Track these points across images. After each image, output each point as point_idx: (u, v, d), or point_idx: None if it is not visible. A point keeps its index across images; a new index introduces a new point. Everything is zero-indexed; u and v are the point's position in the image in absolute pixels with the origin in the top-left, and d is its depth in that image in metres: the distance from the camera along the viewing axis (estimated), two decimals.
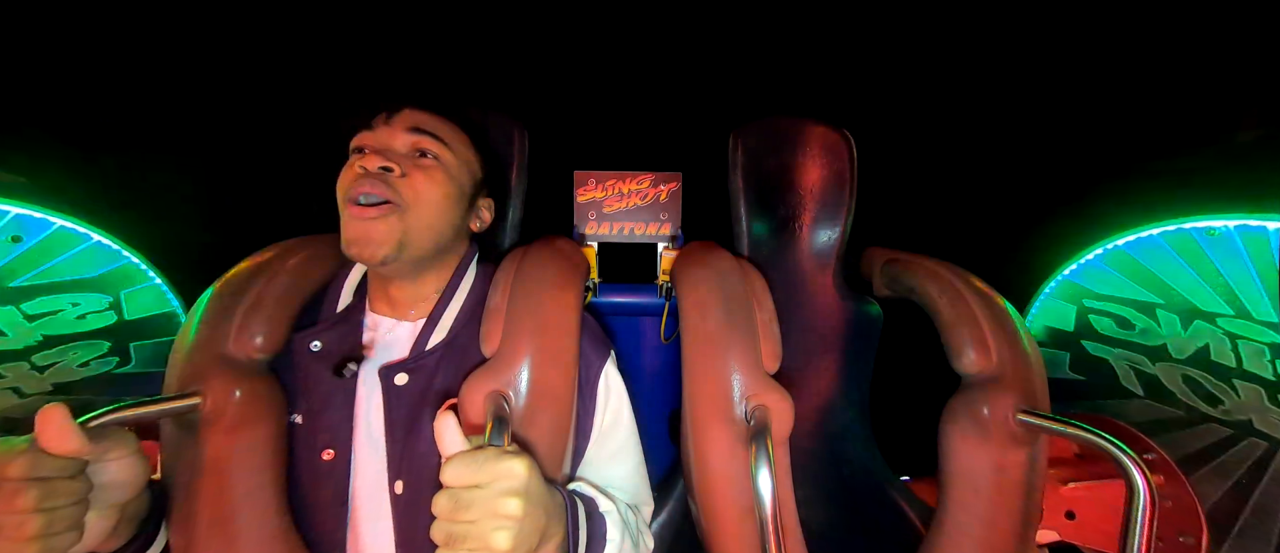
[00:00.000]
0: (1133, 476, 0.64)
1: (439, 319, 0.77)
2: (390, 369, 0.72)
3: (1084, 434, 0.69)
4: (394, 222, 0.70)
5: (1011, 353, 0.81)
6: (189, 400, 0.65)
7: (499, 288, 0.75)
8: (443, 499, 0.47)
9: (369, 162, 0.70)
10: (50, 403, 0.50)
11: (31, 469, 0.48)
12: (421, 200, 0.73)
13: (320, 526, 0.70)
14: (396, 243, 0.71)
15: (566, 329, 0.73)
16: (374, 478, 0.71)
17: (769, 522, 0.64)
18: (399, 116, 0.76)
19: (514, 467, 0.49)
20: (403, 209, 0.71)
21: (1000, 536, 0.77)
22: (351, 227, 0.70)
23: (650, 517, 0.85)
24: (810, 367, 1.12)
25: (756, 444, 0.66)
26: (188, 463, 0.67)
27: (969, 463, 0.79)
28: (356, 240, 0.69)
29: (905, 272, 1.00)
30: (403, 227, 0.71)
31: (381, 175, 0.70)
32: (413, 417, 0.71)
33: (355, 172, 0.71)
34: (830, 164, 1.17)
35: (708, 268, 0.84)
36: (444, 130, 0.78)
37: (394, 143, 0.75)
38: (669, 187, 1.28)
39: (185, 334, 0.72)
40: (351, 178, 0.71)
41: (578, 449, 0.76)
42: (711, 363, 0.74)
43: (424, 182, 0.73)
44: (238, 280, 0.76)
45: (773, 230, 1.16)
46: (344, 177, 0.73)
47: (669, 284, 1.24)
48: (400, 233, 0.71)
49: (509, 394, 0.66)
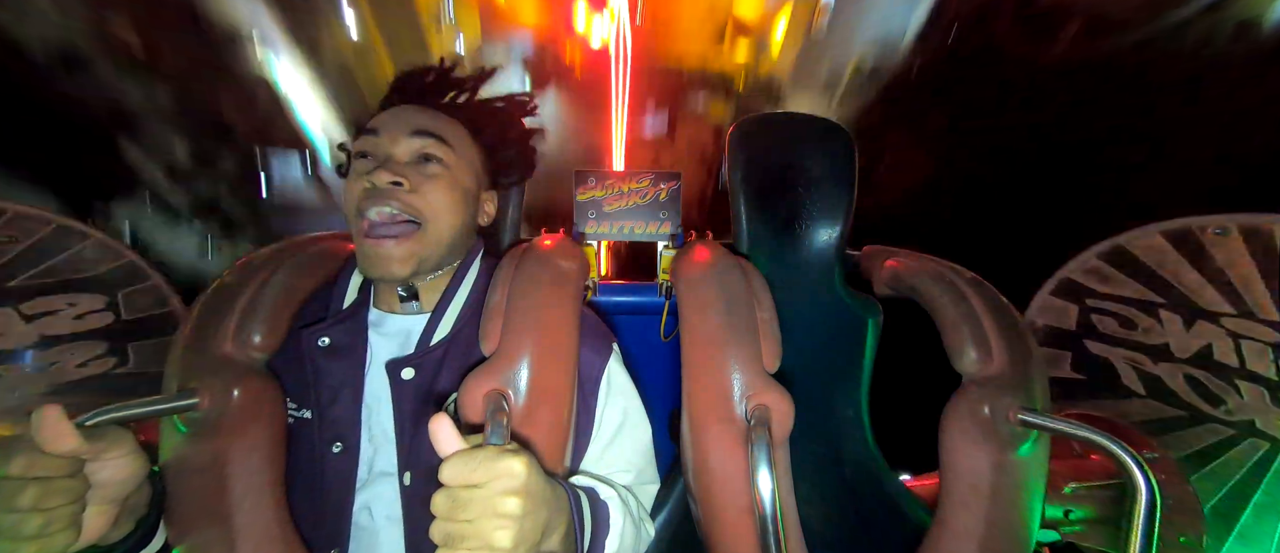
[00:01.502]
0: (1134, 475, 0.64)
1: (444, 314, 0.78)
2: (397, 364, 0.73)
3: (1084, 434, 0.69)
4: (412, 244, 0.72)
5: (1012, 353, 0.81)
6: (187, 400, 0.65)
7: (499, 286, 0.75)
8: (441, 499, 0.47)
9: (377, 177, 0.71)
10: (48, 403, 0.50)
11: (29, 469, 0.49)
12: (433, 212, 0.74)
13: (325, 519, 0.71)
14: (415, 262, 0.73)
15: (566, 327, 0.73)
16: (384, 469, 0.73)
17: (769, 521, 0.64)
18: (400, 117, 0.77)
19: (513, 466, 0.49)
20: (419, 227, 0.73)
21: (1000, 536, 0.77)
22: (369, 250, 0.72)
23: (654, 497, 0.86)
24: (810, 366, 1.11)
25: (756, 444, 0.66)
26: (186, 462, 0.67)
27: (969, 463, 0.79)
28: (376, 263, 0.72)
29: (905, 271, 1.00)
30: (420, 245, 0.73)
31: (391, 191, 0.71)
32: (420, 410, 0.72)
33: (363, 187, 0.72)
34: (831, 162, 1.16)
35: (708, 267, 0.84)
36: (445, 129, 0.79)
37: (397, 150, 0.75)
38: (669, 186, 1.28)
39: (183, 334, 0.72)
40: (360, 193, 0.73)
41: (579, 446, 0.76)
42: (711, 362, 0.74)
43: (433, 192, 0.75)
44: (236, 280, 0.76)
45: (773, 229, 1.16)
46: (351, 189, 0.74)
47: (669, 283, 1.24)
48: (418, 252, 0.73)
49: (508, 393, 0.66)
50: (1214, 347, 1.04)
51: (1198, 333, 1.06)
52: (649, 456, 0.84)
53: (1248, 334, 0.99)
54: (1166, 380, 1.12)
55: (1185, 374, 1.09)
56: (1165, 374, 1.12)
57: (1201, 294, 1.03)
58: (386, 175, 0.71)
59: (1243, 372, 1.01)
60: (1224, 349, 1.03)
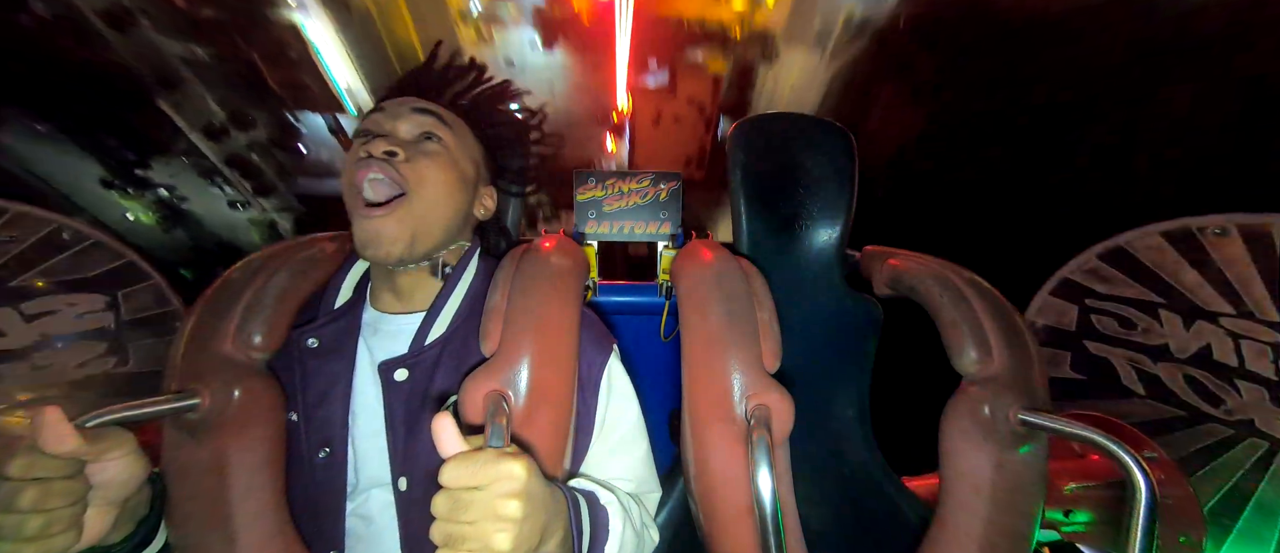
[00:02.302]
0: (1134, 475, 0.64)
1: (439, 313, 0.77)
2: (389, 365, 0.72)
3: (1084, 434, 0.69)
4: (403, 214, 0.71)
5: (1012, 353, 0.81)
6: (188, 401, 0.65)
7: (498, 287, 0.75)
8: (441, 501, 0.47)
9: (374, 146, 0.71)
10: (48, 404, 0.50)
11: (29, 470, 0.49)
12: (426, 184, 0.73)
13: (319, 523, 0.71)
14: (408, 238, 0.72)
15: (566, 328, 0.73)
16: (376, 475, 0.72)
17: (769, 521, 0.64)
18: (404, 100, 0.77)
19: (513, 468, 0.49)
20: (409, 195, 0.72)
21: (1000, 536, 0.77)
22: (363, 228, 0.71)
23: (657, 505, 0.86)
24: (810, 366, 1.11)
25: (756, 444, 0.66)
26: (187, 463, 0.67)
27: (969, 463, 0.79)
28: (370, 242, 0.70)
29: (905, 271, 1.00)
30: (412, 218, 0.72)
31: (386, 159, 0.71)
32: (413, 413, 0.71)
33: (358, 156, 0.72)
34: (831, 162, 1.16)
35: (708, 267, 0.84)
36: (446, 115, 0.79)
37: (399, 127, 0.76)
38: (669, 186, 1.28)
39: (183, 334, 0.72)
40: (355, 163, 0.72)
41: (579, 447, 0.76)
42: (711, 362, 0.74)
43: (428, 166, 0.74)
44: (236, 280, 0.76)
45: (773, 229, 1.16)
46: (349, 162, 0.74)
47: (669, 283, 1.24)
48: (411, 226, 0.72)
49: (508, 394, 0.66)
50: (1213, 347, 1.04)
51: (1197, 333, 1.06)
52: (649, 463, 0.83)
53: (1247, 334, 0.99)
54: (1166, 380, 1.12)
55: (1185, 374, 1.09)
56: (1165, 374, 1.12)
57: (1201, 294, 1.04)
58: (383, 144, 0.71)
59: (1242, 372, 1.01)
60: (1223, 349, 1.03)
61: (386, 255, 0.71)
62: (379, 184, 0.71)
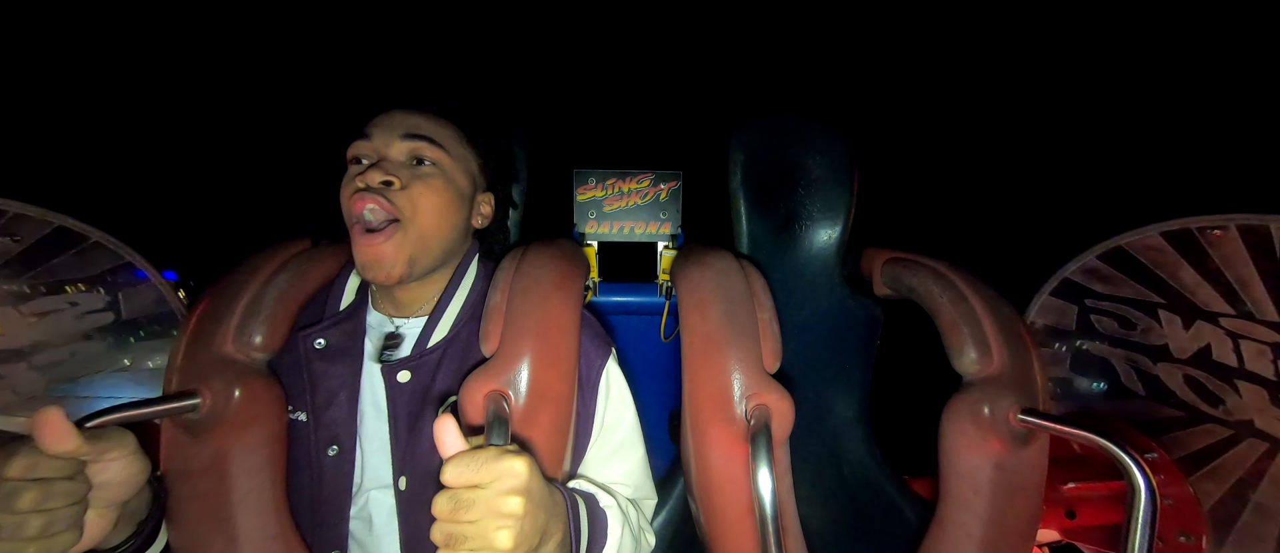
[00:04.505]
0: (1134, 475, 0.64)
1: (441, 317, 0.78)
2: (393, 367, 0.72)
3: (1084, 434, 0.69)
4: (401, 239, 0.72)
5: (1012, 353, 0.81)
6: (188, 401, 0.65)
7: (499, 287, 0.75)
8: (443, 500, 0.47)
9: (370, 176, 0.72)
10: (48, 404, 0.50)
11: (30, 470, 0.49)
12: (421, 211, 0.74)
13: (323, 522, 0.71)
14: (407, 261, 0.72)
15: (566, 329, 0.73)
16: (378, 474, 0.72)
17: (769, 521, 0.64)
18: (392, 121, 0.77)
19: (514, 466, 0.49)
20: (405, 223, 0.72)
21: (1000, 536, 0.77)
22: (363, 251, 0.71)
23: (653, 511, 0.85)
24: (810, 366, 1.12)
25: (756, 444, 0.66)
26: (187, 463, 0.67)
27: (969, 463, 0.79)
28: (370, 265, 0.71)
29: (905, 271, 1.00)
30: (409, 243, 0.73)
31: (382, 190, 0.72)
32: (415, 414, 0.72)
33: (355, 186, 0.73)
34: (830, 163, 1.16)
35: (708, 267, 0.84)
36: (438, 132, 0.79)
37: (390, 152, 0.75)
38: (669, 186, 1.28)
39: (184, 335, 0.72)
40: (353, 193, 0.73)
41: (578, 448, 0.76)
42: (711, 362, 0.74)
43: (423, 192, 0.74)
44: (236, 281, 0.76)
45: (773, 230, 1.16)
46: (346, 191, 0.74)
47: (669, 284, 1.24)
48: (409, 250, 0.72)
49: (508, 394, 0.66)
50: (1213, 347, 1.04)
51: (1197, 333, 1.06)
52: (646, 469, 0.83)
53: (1247, 334, 0.99)
54: (1166, 381, 1.12)
55: (1185, 374, 1.09)
56: (1165, 374, 1.12)
57: (1200, 295, 1.04)
58: (378, 174, 0.71)
59: (1242, 372, 1.01)
60: (1223, 349, 1.03)
61: (387, 278, 0.72)
62: (376, 212, 0.72)
